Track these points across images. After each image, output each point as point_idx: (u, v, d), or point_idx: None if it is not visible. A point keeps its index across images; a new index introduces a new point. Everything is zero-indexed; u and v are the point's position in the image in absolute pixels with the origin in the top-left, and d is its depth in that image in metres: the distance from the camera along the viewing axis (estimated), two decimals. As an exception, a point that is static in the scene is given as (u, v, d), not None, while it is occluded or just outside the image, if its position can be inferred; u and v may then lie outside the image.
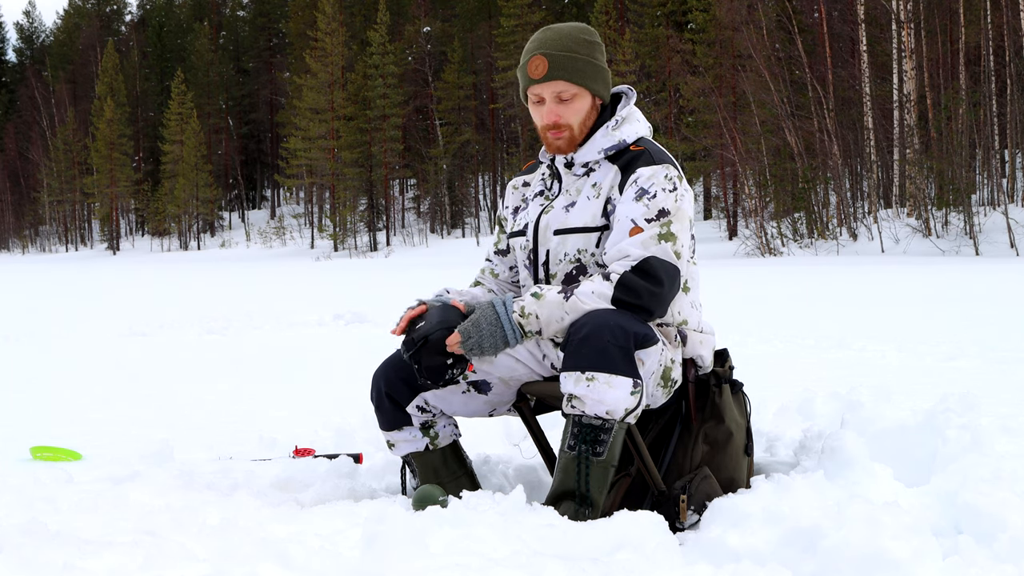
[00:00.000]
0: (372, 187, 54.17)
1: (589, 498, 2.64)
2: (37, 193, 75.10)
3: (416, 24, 60.12)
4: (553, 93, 2.85)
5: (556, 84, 2.84)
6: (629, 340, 2.62)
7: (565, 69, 2.84)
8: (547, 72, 2.84)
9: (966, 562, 2.24)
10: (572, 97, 2.85)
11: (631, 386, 2.63)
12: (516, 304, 2.74)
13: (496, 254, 3.12)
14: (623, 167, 2.85)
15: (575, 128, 2.87)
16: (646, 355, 2.66)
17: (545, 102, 2.87)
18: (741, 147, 34.87)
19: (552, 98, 2.86)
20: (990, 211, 29.10)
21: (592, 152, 2.88)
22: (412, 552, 2.13)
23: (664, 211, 2.76)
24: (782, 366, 6.54)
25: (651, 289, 2.70)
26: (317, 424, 4.57)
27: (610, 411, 2.62)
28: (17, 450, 4.18)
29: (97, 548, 2.18)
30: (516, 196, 3.09)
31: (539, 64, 2.85)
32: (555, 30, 2.90)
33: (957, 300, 12.05)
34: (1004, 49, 30.97)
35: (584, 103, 2.87)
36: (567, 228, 2.87)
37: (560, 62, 2.84)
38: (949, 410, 3.11)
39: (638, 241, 2.73)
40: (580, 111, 2.87)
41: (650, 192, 2.78)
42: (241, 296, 16.90)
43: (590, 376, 2.61)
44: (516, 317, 2.72)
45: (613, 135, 2.88)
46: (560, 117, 2.86)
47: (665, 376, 2.80)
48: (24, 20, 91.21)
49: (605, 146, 2.88)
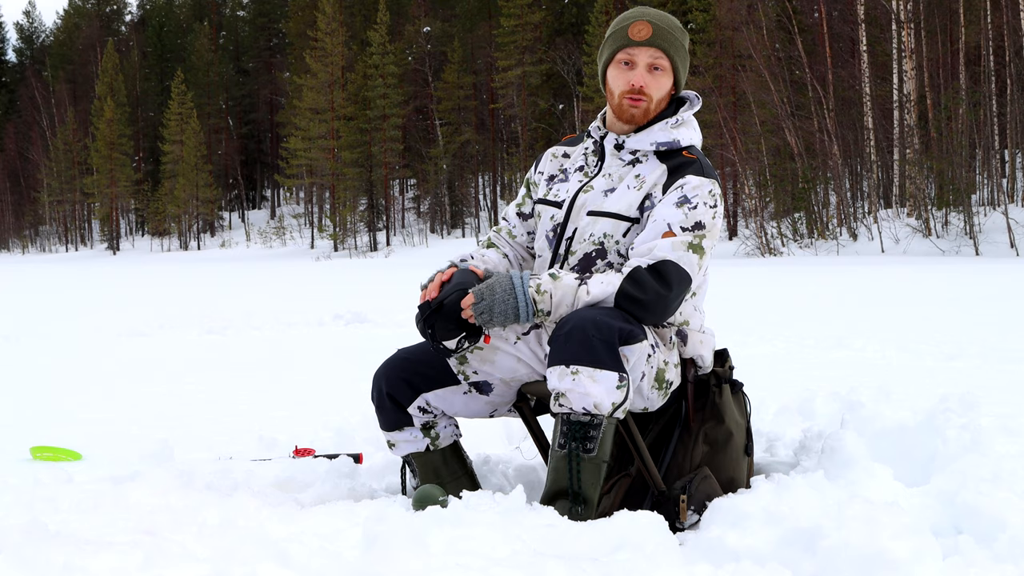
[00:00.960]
0: (372, 187, 54.18)
1: (582, 495, 2.64)
2: (37, 193, 75.10)
3: (416, 24, 60.12)
4: (648, 60, 2.88)
5: (655, 51, 2.87)
6: (613, 335, 2.62)
7: (667, 40, 2.88)
8: (650, 37, 2.86)
9: (966, 562, 2.24)
10: (663, 70, 2.88)
11: (616, 380, 2.62)
12: (533, 280, 2.74)
13: (518, 215, 3.10)
14: (672, 168, 2.86)
15: (654, 101, 2.90)
16: (631, 352, 2.66)
17: (635, 68, 2.88)
18: (741, 147, 34.87)
19: (645, 65, 2.88)
20: (990, 211, 29.12)
21: (646, 141, 2.90)
22: (412, 552, 2.13)
23: (700, 224, 2.78)
24: (782, 366, 6.54)
25: (658, 290, 2.70)
26: (317, 424, 4.57)
27: (596, 404, 2.62)
28: (17, 450, 4.18)
29: (97, 548, 2.18)
30: (554, 164, 3.08)
31: (643, 28, 2.87)
32: (659, 12, 2.94)
33: (957, 300, 12.06)
34: (1004, 49, 30.97)
35: (668, 80, 2.91)
36: (602, 211, 2.87)
37: (663, 32, 2.88)
38: (949, 410, 3.11)
39: (668, 244, 2.74)
40: (663, 87, 2.90)
41: (692, 202, 2.79)
42: (241, 296, 16.90)
43: (574, 370, 2.61)
44: (532, 292, 2.72)
45: (671, 132, 2.90)
46: (646, 85, 2.87)
47: (659, 379, 2.79)
48: (24, 20, 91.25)
49: (660, 140, 2.89)
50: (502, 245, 3.10)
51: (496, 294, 2.71)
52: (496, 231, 3.14)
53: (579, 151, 3.05)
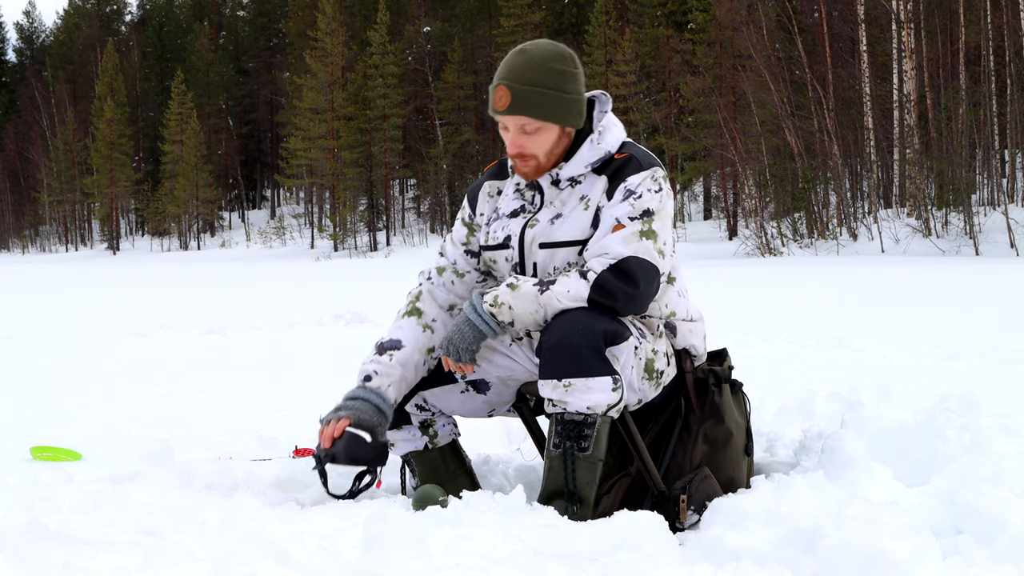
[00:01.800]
0: (372, 187, 54.17)
1: (578, 495, 2.64)
2: (37, 193, 75.07)
3: (416, 24, 60.11)
4: (516, 125, 2.77)
5: (518, 118, 2.76)
6: (599, 339, 2.61)
7: (527, 106, 2.74)
8: (508, 106, 2.75)
9: (966, 562, 2.24)
10: (536, 130, 2.77)
11: (611, 383, 2.63)
12: (489, 294, 2.72)
13: (466, 253, 2.99)
14: (611, 176, 2.79)
15: (541, 158, 2.80)
16: (619, 351, 2.65)
17: (510, 132, 2.79)
18: (741, 147, 34.87)
19: (516, 129, 2.78)
20: (990, 211, 29.10)
21: (579, 166, 2.82)
22: (412, 552, 2.13)
23: (648, 211, 2.74)
24: (782, 366, 6.54)
25: (627, 291, 2.67)
26: (317, 424, 4.56)
27: (592, 407, 2.63)
28: (17, 450, 4.18)
29: (97, 548, 2.18)
30: (490, 205, 2.97)
31: (502, 96, 2.75)
32: (525, 56, 2.77)
33: (957, 300, 12.06)
34: (1004, 49, 30.96)
35: (549, 135, 2.78)
36: (555, 242, 2.80)
37: (523, 97, 2.74)
38: (949, 410, 3.12)
39: (620, 237, 2.71)
40: (545, 142, 2.78)
41: (636, 192, 2.75)
42: (241, 296, 16.90)
43: (567, 383, 2.62)
44: (487, 307, 2.71)
45: (599, 148, 2.82)
46: (524, 147, 2.78)
47: (648, 369, 2.79)
48: (24, 20, 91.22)
49: (592, 160, 2.81)
50: (431, 307, 2.96)
51: (454, 335, 2.75)
52: (438, 272, 2.99)
53: (510, 188, 2.94)
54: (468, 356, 2.75)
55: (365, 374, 2.87)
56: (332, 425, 2.81)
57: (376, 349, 2.91)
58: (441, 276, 3.00)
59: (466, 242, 3.00)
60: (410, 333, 2.93)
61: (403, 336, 2.92)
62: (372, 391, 2.84)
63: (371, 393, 2.84)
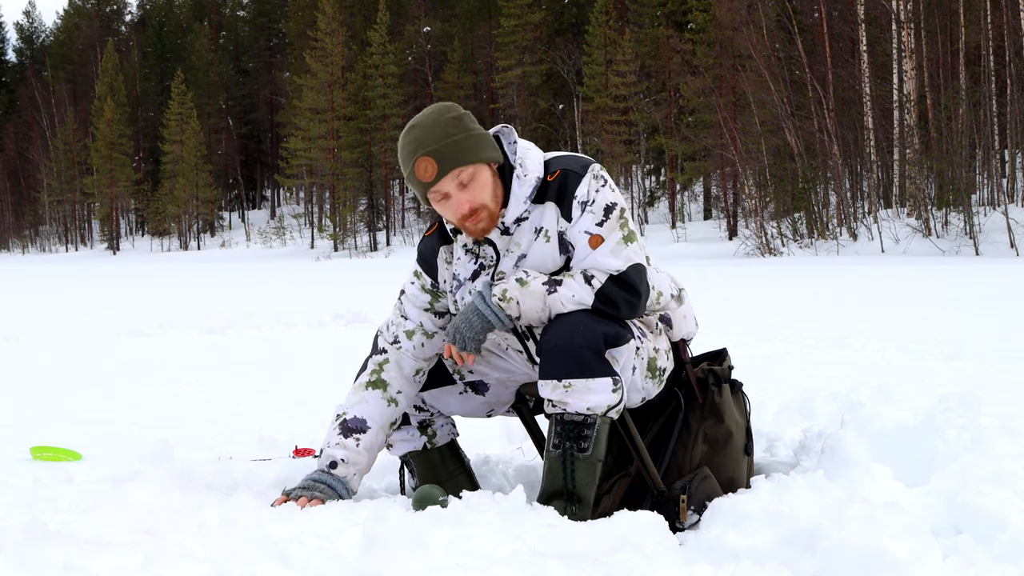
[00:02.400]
0: (372, 187, 54.18)
1: (576, 495, 2.64)
2: (37, 193, 75.10)
3: (416, 24, 60.14)
4: (454, 183, 2.70)
5: (452, 174, 2.69)
6: (600, 340, 2.62)
7: (452, 157, 2.69)
8: (438, 168, 2.69)
9: (966, 562, 2.24)
10: (472, 177, 2.70)
11: (611, 384, 2.64)
12: (498, 287, 2.72)
13: (433, 314, 2.94)
14: (557, 199, 2.74)
15: (490, 203, 2.73)
16: (619, 353, 2.66)
17: (451, 196, 2.72)
18: (741, 147, 34.87)
19: (455, 188, 2.71)
20: (990, 211, 29.11)
21: (519, 205, 2.75)
22: (412, 552, 2.13)
23: (609, 207, 2.73)
24: (782, 366, 6.54)
25: (629, 300, 2.69)
26: (317, 424, 4.56)
27: (591, 408, 2.63)
28: (17, 450, 4.18)
29: (97, 548, 2.18)
30: (448, 272, 2.90)
31: (427, 165, 2.69)
32: (419, 126, 2.72)
33: (957, 300, 12.05)
34: (1004, 49, 30.97)
35: (485, 176, 2.72)
36: None
37: (444, 152, 2.69)
38: (949, 410, 3.11)
39: (607, 251, 2.70)
40: (486, 185, 2.72)
41: (588, 199, 2.72)
42: (241, 296, 16.90)
43: (567, 384, 2.62)
44: (496, 300, 2.71)
45: (527, 180, 2.76)
46: (472, 201, 2.71)
47: (652, 367, 2.80)
48: (24, 20, 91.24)
49: (527, 194, 2.75)
50: (395, 379, 2.90)
51: (461, 323, 2.74)
52: (406, 335, 2.92)
53: (459, 251, 2.86)
54: (474, 345, 2.75)
55: (331, 460, 2.82)
56: (304, 503, 2.74)
57: (340, 429, 2.85)
58: (411, 340, 2.93)
59: (428, 307, 2.94)
60: (375, 409, 2.88)
61: (368, 414, 2.87)
62: (338, 480, 2.81)
63: (336, 482, 2.80)
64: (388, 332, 2.95)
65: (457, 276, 2.87)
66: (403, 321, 2.95)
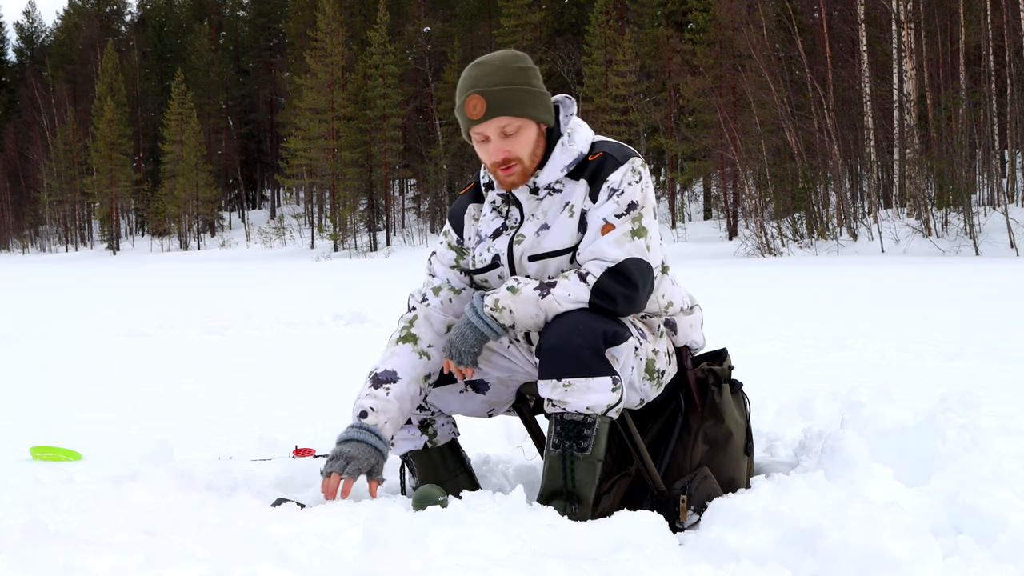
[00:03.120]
0: (372, 187, 54.18)
1: (576, 495, 2.64)
2: (37, 193, 75.09)
3: (416, 24, 60.12)
4: (497, 129, 2.74)
5: (498, 120, 2.73)
6: (599, 339, 2.62)
7: (504, 104, 2.72)
8: (486, 110, 2.72)
9: (966, 562, 2.24)
10: (517, 130, 2.74)
11: (610, 384, 2.63)
12: (489, 297, 2.72)
13: (459, 271, 2.96)
14: (590, 178, 2.77)
15: (525, 160, 2.77)
16: (618, 352, 2.65)
17: (491, 140, 2.76)
18: (741, 147, 34.87)
19: (497, 135, 2.74)
20: (990, 211, 29.10)
21: (555, 171, 2.79)
22: (412, 552, 2.13)
23: (633, 204, 2.74)
24: (782, 366, 6.54)
25: (626, 293, 2.68)
26: (317, 424, 4.57)
27: (591, 407, 2.63)
28: (17, 450, 4.18)
29: (97, 548, 2.18)
30: (472, 228, 2.95)
31: (476, 103, 2.73)
32: (486, 64, 2.77)
33: (957, 300, 12.05)
34: (1004, 49, 30.97)
35: (530, 133, 2.76)
36: (544, 253, 2.79)
37: (498, 97, 2.72)
38: (949, 410, 3.11)
39: (612, 240, 2.70)
40: (527, 142, 2.76)
41: (619, 189, 2.74)
42: (241, 296, 16.90)
43: (567, 383, 2.62)
44: (488, 311, 2.71)
45: (571, 150, 2.79)
46: (509, 152, 2.75)
47: (649, 369, 2.79)
48: (24, 20, 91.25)
49: (566, 163, 2.78)
50: (426, 332, 2.89)
51: (456, 338, 2.74)
52: (433, 292, 2.94)
53: (486, 208, 2.91)
54: (470, 359, 2.75)
55: (361, 410, 2.80)
56: (335, 480, 2.72)
57: (371, 381, 2.85)
58: (438, 296, 2.94)
59: (455, 264, 2.97)
60: (406, 362, 2.86)
61: (398, 366, 2.85)
62: (368, 430, 2.78)
63: (367, 433, 2.77)
64: (417, 293, 2.98)
65: (480, 232, 2.90)
66: (431, 279, 2.97)
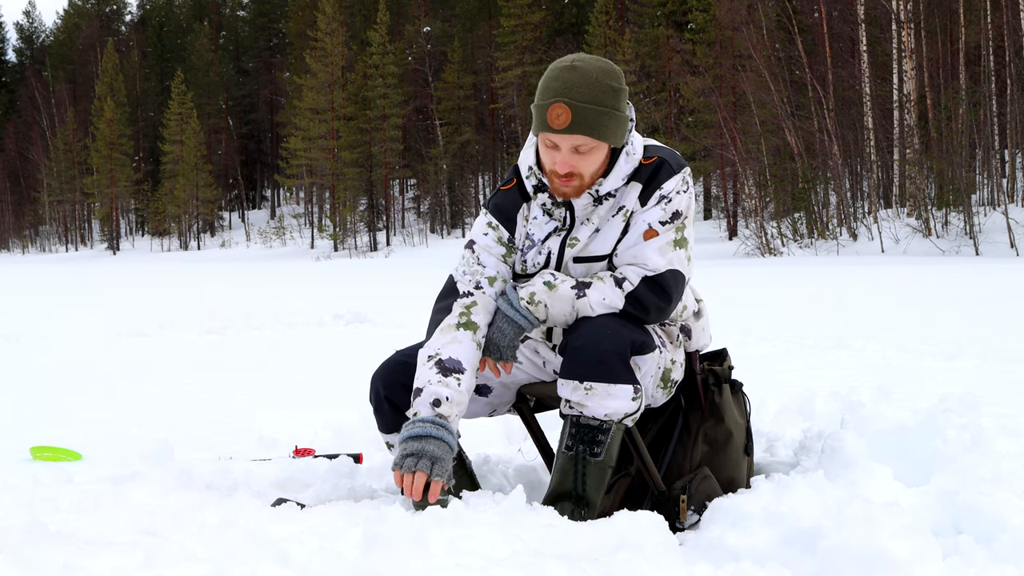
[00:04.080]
0: (372, 187, 54.17)
1: (586, 498, 2.64)
2: (37, 193, 75.10)
3: (416, 24, 60.13)
4: (571, 145, 2.65)
5: (576, 138, 2.63)
6: (627, 348, 2.62)
7: (588, 125, 2.62)
8: (569, 125, 2.61)
9: (966, 562, 2.24)
10: (591, 150, 2.66)
11: (632, 392, 2.63)
12: (524, 291, 2.72)
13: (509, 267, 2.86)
14: (645, 182, 2.74)
15: (587, 178, 2.70)
16: (642, 361, 2.66)
17: (560, 150, 2.67)
18: (741, 147, 34.87)
19: (569, 149, 2.65)
20: (990, 211, 29.10)
21: (617, 180, 2.73)
22: (412, 552, 2.13)
23: (678, 213, 2.75)
24: (782, 366, 6.54)
25: (660, 305, 2.69)
26: (317, 424, 4.57)
27: (609, 414, 2.63)
28: (17, 450, 4.18)
29: (97, 548, 2.18)
30: (524, 229, 2.85)
31: (561, 113, 2.61)
32: (582, 72, 2.63)
33: (957, 300, 12.05)
34: (1004, 49, 30.96)
35: (601, 154, 2.69)
36: (591, 256, 2.76)
37: (585, 116, 2.62)
38: (949, 410, 3.11)
39: (655, 248, 2.70)
40: (595, 162, 2.69)
41: (668, 197, 2.74)
42: (241, 296, 16.90)
43: (588, 386, 2.61)
44: (524, 304, 2.71)
45: (633, 159, 2.75)
46: (575, 168, 2.67)
47: (665, 378, 2.80)
48: (24, 20, 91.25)
49: (628, 172, 2.74)
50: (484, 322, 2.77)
51: (495, 334, 2.74)
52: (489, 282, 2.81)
53: (536, 211, 2.81)
54: (510, 353, 2.74)
55: (435, 397, 2.63)
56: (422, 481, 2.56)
57: (438, 368, 2.68)
58: (493, 286, 2.82)
59: (503, 259, 2.85)
60: (468, 351, 2.72)
61: (462, 356, 2.70)
62: (444, 427, 2.61)
63: (443, 431, 2.61)
64: (467, 279, 2.82)
65: (531, 236, 2.82)
66: (481, 268, 2.82)
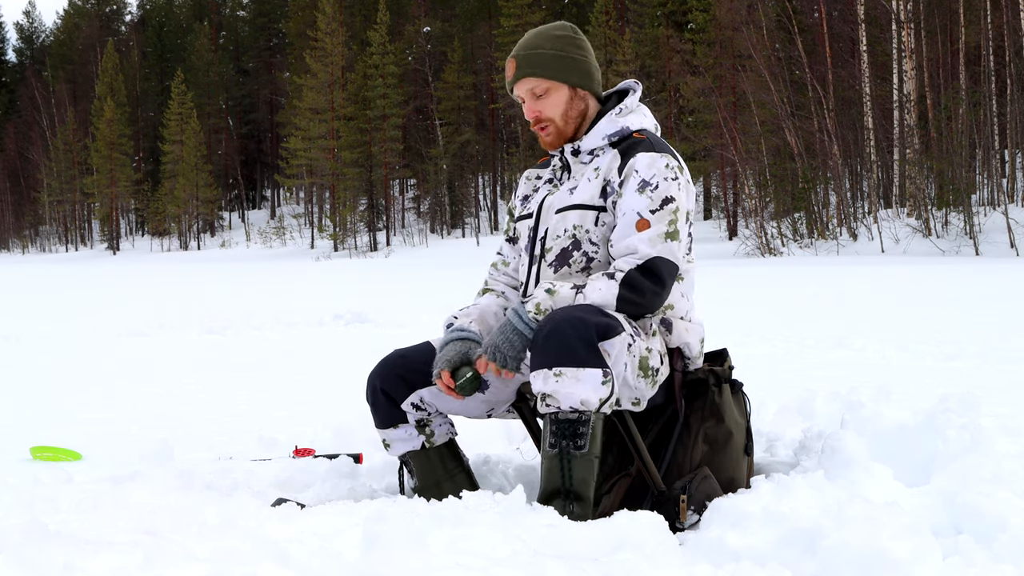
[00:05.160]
0: (372, 187, 54.17)
1: (575, 492, 2.63)
2: (37, 193, 75.09)
3: (416, 24, 60.12)
4: (526, 90, 2.96)
5: (526, 82, 2.95)
6: (591, 331, 2.63)
7: (530, 66, 2.94)
8: (515, 72, 2.96)
9: (966, 562, 2.24)
10: (546, 92, 2.95)
11: (600, 376, 2.63)
12: (530, 303, 2.78)
13: (508, 242, 3.17)
14: (623, 151, 2.93)
15: (557, 120, 2.97)
16: (610, 345, 2.66)
17: (524, 101, 2.98)
18: (741, 147, 34.86)
19: (528, 95, 2.97)
20: (990, 211, 29.08)
21: (596, 138, 2.96)
22: (412, 552, 2.13)
23: (668, 199, 2.83)
24: (782, 366, 6.54)
25: (654, 288, 2.77)
26: (317, 424, 4.57)
27: (583, 401, 2.62)
28: (17, 450, 4.18)
29: (97, 548, 2.18)
30: (528, 186, 3.18)
31: (509, 67, 2.98)
32: (532, 32, 3.01)
33: (957, 300, 12.05)
34: (1004, 49, 30.95)
35: (560, 96, 2.96)
36: (566, 206, 2.95)
37: (528, 60, 2.95)
38: (949, 410, 3.11)
39: (646, 238, 2.79)
40: (557, 104, 2.96)
41: (652, 183, 2.84)
42: (241, 296, 16.90)
43: (557, 372, 2.62)
44: (531, 315, 2.76)
45: (617, 121, 2.96)
46: (540, 112, 2.96)
47: (643, 367, 2.78)
48: (24, 20, 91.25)
49: (609, 132, 2.95)
50: (497, 284, 3.16)
51: (501, 341, 2.78)
52: (493, 267, 3.20)
53: (547, 173, 3.13)
54: (515, 364, 2.78)
55: (447, 323, 3.02)
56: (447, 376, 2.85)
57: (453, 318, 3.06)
58: (496, 269, 3.18)
59: (507, 229, 3.18)
60: (486, 299, 3.11)
61: (479, 301, 3.11)
62: (455, 330, 2.95)
63: (453, 332, 2.94)
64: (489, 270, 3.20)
65: (538, 189, 3.13)
66: (497, 256, 3.20)
